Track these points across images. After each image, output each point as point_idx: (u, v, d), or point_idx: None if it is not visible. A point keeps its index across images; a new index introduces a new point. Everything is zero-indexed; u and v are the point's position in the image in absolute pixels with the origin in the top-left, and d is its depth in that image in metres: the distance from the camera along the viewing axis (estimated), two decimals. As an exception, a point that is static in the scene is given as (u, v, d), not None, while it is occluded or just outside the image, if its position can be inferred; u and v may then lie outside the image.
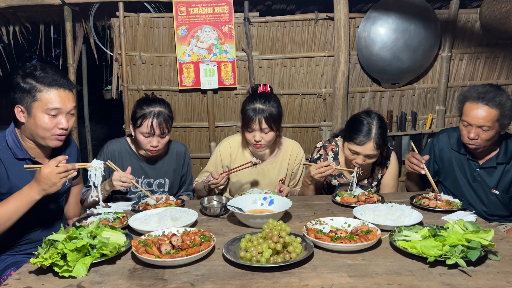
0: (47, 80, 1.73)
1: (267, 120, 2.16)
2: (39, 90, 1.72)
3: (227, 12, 3.15)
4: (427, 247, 1.36)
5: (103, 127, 8.55)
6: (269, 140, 2.23)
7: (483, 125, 2.04)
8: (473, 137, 2.07)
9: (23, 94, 1.72)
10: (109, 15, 3.35)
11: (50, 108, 1.73)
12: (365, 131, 2.11)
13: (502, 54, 3.34)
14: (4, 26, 3.48)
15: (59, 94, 1.75)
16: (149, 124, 2.10)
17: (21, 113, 1.75)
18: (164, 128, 2.13)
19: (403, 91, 3.41)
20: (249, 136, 2.24)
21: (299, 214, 1.90)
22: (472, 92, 2.09)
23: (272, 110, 2.18)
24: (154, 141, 2.13)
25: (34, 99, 1.72)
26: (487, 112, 2.02)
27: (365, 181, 2.38)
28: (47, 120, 1.74)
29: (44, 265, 1.31)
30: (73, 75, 3.31)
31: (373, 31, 3.18)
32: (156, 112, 2.12)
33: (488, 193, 2.21)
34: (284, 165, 2.40)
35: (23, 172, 1.81)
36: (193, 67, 3.23)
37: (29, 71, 1.74)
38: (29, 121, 1.75)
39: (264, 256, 1.34)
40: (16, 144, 1.81)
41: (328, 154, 2.39)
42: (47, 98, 1.72)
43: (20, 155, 1.81)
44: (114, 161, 2.24)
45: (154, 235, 1.54)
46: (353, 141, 2.14)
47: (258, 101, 2.19)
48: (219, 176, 2.12)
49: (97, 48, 3.62)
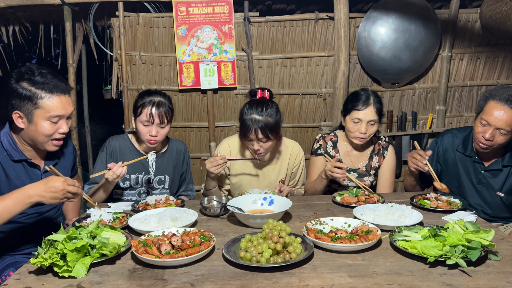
0: (48, 86, 1.70)
1: (263, 131, 2.14)
2: (41, 97, 1.69)
3: (227, 12, 3.15)
4: (427, 247, 1.36)
5: (103, 127, 8.54)
6: (268, 148, 2.23)
7: (502, 128, 1.98)
8: (488, 138, 2.02)
9: (22, 100, 1.69)
10: (109, 15, 3.35)
11: (52, 116, 1.72)
12: (364, 98, 2.28)
13: (503, 54, 3.33)
14: (4, 26, 3.47)
15: (61, 100, 1.74)
16: (148, 112, 2.13)
17: (19, 119, 1.72)
18: (163, 117, 2.14)
19: (403, 91, 3.41)
20: (248, 145, 2.26)
21: (299, 214, 1.89)
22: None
23: (268, 120, 2.15)
24: (153, 130, 2.14)
25: (36, 107, 1.69)
26: (511, 116, 1.97)
27: (363, 168, 2.41)
28: (48, 127, 1.73)
29: (43, 265, 1.31)
30: (73, 75, 3.31)
31: (373, 31, 3.17)
32: (156, 101, 2.15)
33: (493, 195, 2.20)
34: (284, 166, 2.40)
35: (20, 173, 1.80)
36: (193, 67, 3.23)
37: (26, 76, 1.70)
38: (30, 128, 1.73)
39: (264, 256, 1.33)
40: (12, 145, 1.80)
41: (327, 143, 2.45)
42: (49, 105, 1.71)
43: (16, 156, 1.80)
44: (116, 156, 2.25)
45: (154, 235, 1.54)
46: (355, 108, 2.28)
47: (255, 111, 2.16)
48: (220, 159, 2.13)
49: (97, 48, 3.62)
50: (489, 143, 2.04)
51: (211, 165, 2.12)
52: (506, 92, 2.00)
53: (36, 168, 1.87)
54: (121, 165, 2.01)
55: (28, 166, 1.84)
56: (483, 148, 2.09)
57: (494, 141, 2.03)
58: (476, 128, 2.09)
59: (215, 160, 2.11)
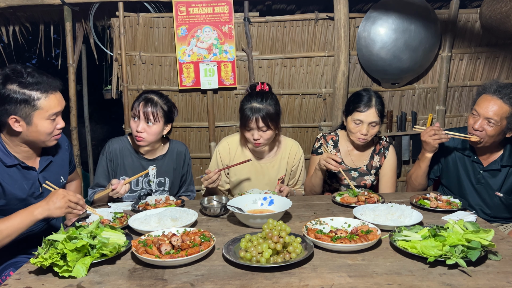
0: (42, 86, 1.69)
1: (264, 119, 2.17)
2: (38, 98, 1.69)
3: (227, 12, 3.15)
4: (427, 247, 1.36)
5: (103, 127, 8.54)
6: (268, 138, 2.24)
7: (491, 118, 2.03)
8: (477, 128, 2.07)
9: (19, 104, 1.66)
10: (109, 15, 3.35)
11: (51, 114, 1.73)
12: (366, 99, 2.28)
13: (502, 54, 3.33)
14: (4, 26, 3.47)
15: (56, 98, 1.75)
16: (136, 106, 2.14)
17: (16, 123, 1.70)
18: (149, 114, 2.11)
19: (403, 91, 3.41)
20: (248, 135, 2.25)
21: (299, 214, 1.90)
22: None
23: (269, 108, 2.19)
24: (139, 126, 2.13)
25: (34, 109, 1.69)
26: (499, 106, 2.02)
27: (364, 168, 2.42)
28: (49, 125, 1.74)
29: (44, 265, 1.31)
30: (73, 75, 3.31)
31: (373, 31, 3.18)
32: (148, 97, 2.15)
33: (492, 195, 2.20)
34: (284, 163, 2.41)
35: (16, 177, 1.80)
36: (193, 67, 3.23)
37: (15, 78, 1.67)
38: (29, 129, 1.72)
39: (264, 256, 1.33)
40: (3, 151, 1.78)
41: (328, 143, 2.46)
42: (47, 105, 1.71)
43: (8, 162, 1.78)
44: (116, 159, 2.24)
45: (154, 235, 1.54)
46: (356, 110, 2.28)
47: (255, 100, 2.21)
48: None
49: (97, 48, 3.62)
50: (479, 134, 2.08)
51: (207, 183, 2.14)
52: (496, 84, 2.08)
53: (32, 170, 1.85)
54: (124, 183, 2.00)
55: (22, 169, 1.82)
56: (474, 142, 2.12)
57: (484, 132, 2.06)
58: (468, 121, 2.15)
59: (210, 178, 2.12)
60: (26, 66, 1.74)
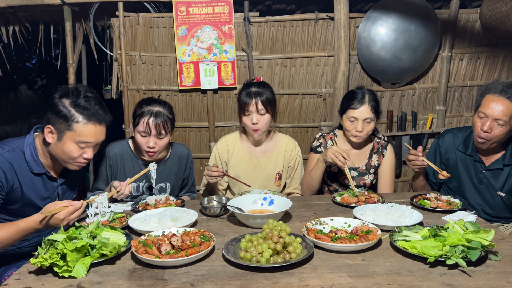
0: (88, 113, 1.71)
1: (263, 102, 2.26)
2: (77, 120, 1.70)
3: (227, 12, 3.15)
4: (427, 247, 1.36)
5: (103, 127, 8.54)
6: (265, 123, 2.31)
7: (500, 119, 2.02)
8: (486, 130, 2.05)
9: (58, 118, 1.70)
10: (109, 15, 3.35)
11: (81, 141, 1.73)
12: (359, 97, 2.33)
13: (503, 54, 3.33)
14: (4, 26, 3.47)
15: (95, 129, 1.74)
16: (145, 122, 2.09)
17: (50, 134, 1.74)
18: (161, 129, 2.09)
19: (403, 91, 3.40)
20: (247, 121, 2.31)
21: (299, 214, 1.90)
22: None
23: (268, 93, 2.31)
24: (150, 142, 2.10)
25: (69, 128, 1.70)
26: (507, 106, 2.01)
27: (363, 167, 2.43)
28: (74, 150, 1.74)
29: (44, 265, 1.31)
30: (73, 75, 3.31)
31: (373, 31, 3.17)
32: (154, 111, 2.10)
33: (494, 195, 2.20)
34: (280, 159, 2.46)
35: (37, 185, 1.81)
36: (193, 67, 3.23)
37: (71, 96, 1.71)
38: (57, 145, 1.74)
39: (264, 256, 1.33)
40: (34, 158, 1.80)
41: (327, 142, 2.48)
42: (82, 131, 1.71)
43: (36, 169, 1.80)
44: (116, 164, 2.23)
45: (154, 235, 1.54)
46: (351, 107, 2.32)
47: (253, 86, 2.32)
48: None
49: (97, 48, 3.62)
50: (488, 136, 2.06)
51: (207, 175, 2.14)
52: (501, 84, 2.06)
53: (54, 181, 1.89)
54: (127, 183, 1.97)
55: (46, 179, 1.85)
56: (481, 142, 2.10)
57: (492, 134, 2.05)
58: (475, 123, 2.12)
59: (211, 172, 2.12)
60: (90, 90, 1.78)
